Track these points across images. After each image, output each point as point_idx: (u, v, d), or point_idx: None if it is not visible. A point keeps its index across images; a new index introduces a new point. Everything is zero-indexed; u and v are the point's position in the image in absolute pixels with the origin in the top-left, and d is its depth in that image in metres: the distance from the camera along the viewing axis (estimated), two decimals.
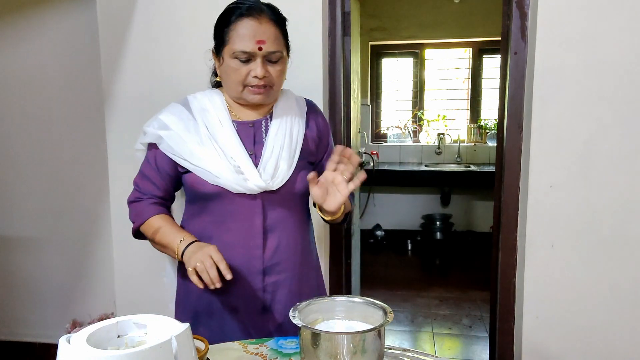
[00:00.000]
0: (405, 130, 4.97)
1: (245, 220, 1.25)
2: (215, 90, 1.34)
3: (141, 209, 1.29)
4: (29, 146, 2.58)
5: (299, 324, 0.95)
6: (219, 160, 1.21)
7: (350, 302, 1.07)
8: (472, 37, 4.73)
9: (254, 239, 1.25)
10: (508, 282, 2.02)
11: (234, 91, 1.25)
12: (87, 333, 0.70)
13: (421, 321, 3.23)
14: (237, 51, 1.19)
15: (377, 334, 0.94)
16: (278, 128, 1.28)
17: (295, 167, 1.27)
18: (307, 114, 1.35)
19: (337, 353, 0.91)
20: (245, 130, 1.28)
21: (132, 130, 2.13)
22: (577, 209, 1.86)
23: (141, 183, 1.32)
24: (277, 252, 1.27)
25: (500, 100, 2.09)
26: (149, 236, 1.28)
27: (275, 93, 1.27)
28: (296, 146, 1.28)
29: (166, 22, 2.04)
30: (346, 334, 0.92)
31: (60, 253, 2.62)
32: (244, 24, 1.19)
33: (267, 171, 1.23)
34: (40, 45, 2.49)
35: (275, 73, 1.23)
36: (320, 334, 0.93)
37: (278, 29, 1.22)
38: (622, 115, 1.80)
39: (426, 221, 4.84)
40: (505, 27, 2.00)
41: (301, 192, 1.29)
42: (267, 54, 1.20)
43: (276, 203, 1.26)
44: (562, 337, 1.92)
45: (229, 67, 1.21)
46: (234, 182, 1.20)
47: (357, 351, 0.91)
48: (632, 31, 1.76)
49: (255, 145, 1.27)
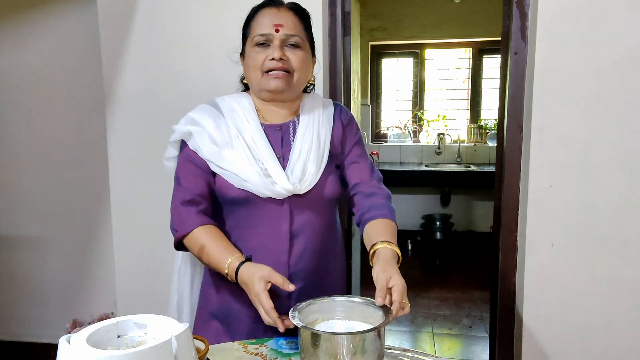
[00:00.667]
0: (405, 130, 4.97)
1: (272, 225, 1.21)
2: (243, 93, 1.32)
3: (187, 217, 1.20)
4: (30, 146, 2.58)
5: (298, 325, 0.95)
6: (247, 163, 1.18)
7: (350, 302, 1.07)
8: (472, 37, 4.73)
9: (280, 244, 1.21)
10: (508, 282, 2.02)
11: (256, 82, 1.23)
12: (87, 333, 0.70)
13: (421, 321, 3.23)
14: (255, 36, 1.20)
15: (376, 334, 0.94)
16: (305, 130, 1.25)
17: (323, 170, 1.24)
18: (334, 116, 1.31)
19: (337, 353, 0.91)
20: (273, 133, 1.25)
21: (132, 130, 2.13)
22: (577, 209, 1.86)
23: (184, 182, 1.23)
24: (303, 258, 1.23)
25: (500, 100, 2.09)
26: (194, 251, 1.21)
27: (297, 84, 1.24)
28: (324, 149, 1.25)
29: (167, 21, 2.05)
30: (345, 334, 0.92)
31: (61, 253, 2.62)
32: (263, 13, 1.21)
33: (294, 174, 1.20)
34: (41, 45, 2.49)
35: (294, 59, 1.21)
36: (320, 334, 0.93)
37: (297, 18, 1.23)
38: (622, 115, 1.80)
39: (426, 221, 4.84)
40: (505, 27, 2.00)
41: (329, 196, 1.26)
42: (285, 37, 1.19)
43: (303, 207, 1.22)
44: (562, 337, 1.92)
45: (250, 57, 1.22)
46: (262, 186, 1.17)
47: (357, 351, 0.92)
48: (632, 31, 1.76)
49: (283, 148, 1.24)
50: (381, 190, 1.32)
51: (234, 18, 2.00)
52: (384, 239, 1.18)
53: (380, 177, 1.36)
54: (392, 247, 1.16)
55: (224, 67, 1.35)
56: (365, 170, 1.33)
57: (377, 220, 1.24)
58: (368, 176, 1.32)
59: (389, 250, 1.15)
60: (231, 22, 2.00)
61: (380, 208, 1.26)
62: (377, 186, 1.32)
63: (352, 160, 1.32)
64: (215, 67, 2.00)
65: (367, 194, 1.30)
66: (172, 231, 1.23)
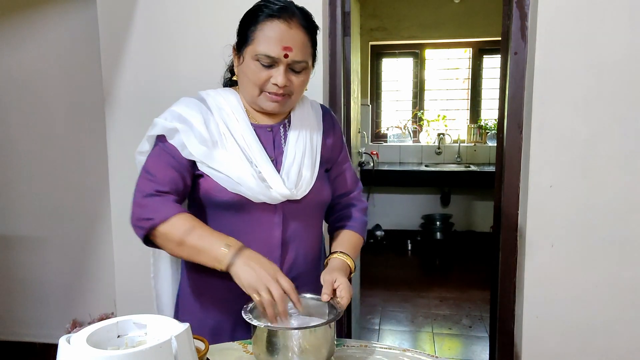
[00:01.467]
0: (405, 130, 4.97)
1: (264, 231, 1.15)
2: (229, 89, 1.23)
3: (162, 204, 1.08)
4: (29, 146, 2.58)
5: (257, 324, 0.97)
6: (241, 165, 1.11)
7: (302, 298, 1.09)
8: (472, 37, 4.73)
9: (271, 252, 1.15)
10: (508, 282, 2.02)
11: (249, 94, 1.15)
12: (87, 333, 0.70)
13: (421, 321, 3.23)
14: (260, 54, 1.09)
15: (319, 330, 0.97)
16: (298, 134, 1.19)
17: (317, 175, 1.20)
18: (323, 120, 1.28)
19: (292, 346, 0.95)
20: (264, 135, 1.18)
21: (132, 130, 2.13)
22: (577, 209, 1.86)
23: (158, 173, 1.11)
24: (295, 265, 1.19)
25: (500, 100, 2.09)
26: (175, 237, 1.06)
27: (292, 103, 1.18)
28: (316, 153, 1.21)
29: (166, 21, 2.04)
30: (300, 329, 0.96)
31: (61, 253, 2.62)
32: (272, 26, 1.08)
33: (290, 179, 1.14)
34: (40, 45, 2.49)
35: (297, 83, 1.13)
36: (276, 331, 0.96)
37: (307, 37, 1.13)
38: (622, 115, 1.80)
39: (426, 221, 4.84)
40: (505, 27, 2.00)
41: (323, 202, 1.24)
42: (292, 63, 1.10)
43: (297, 213, 1.18)
44: (562, 337, 1.92)
45: (249, 68, 1.12)
46: (258, 190, 1.10)
47: (310, 345, 0.95)
48: (632, 31, 1.76)
49: (275, 150, 1.18)
50: (360, 202, 1.35)
51: (234, 18, 2.00)
52: (342, 250, 1.22)
53: (361, 187, 1.38)
54: (345, 259, 1.20)
55: (224, 67, 1.34)
56: (350, 182, 1.34)
57: (344, 231, 1.28)
58: (352, 188, 1.35)
59: (341, 261, 1.19)
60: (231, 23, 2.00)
61: (351, 220, 1.29)
62: (358, 198, 1.35)
63: (339, 170, 1.32)
64: (215, 67, 1.99)
65: (345, 204, 1.33)
66: (139, 221, 1.09)
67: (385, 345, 1.16)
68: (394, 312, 3.38)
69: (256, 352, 1.00)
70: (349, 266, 1.20)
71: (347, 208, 1.32)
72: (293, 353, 0.95)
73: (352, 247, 1.24)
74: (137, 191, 1.12)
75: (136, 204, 1.11)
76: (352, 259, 1.22)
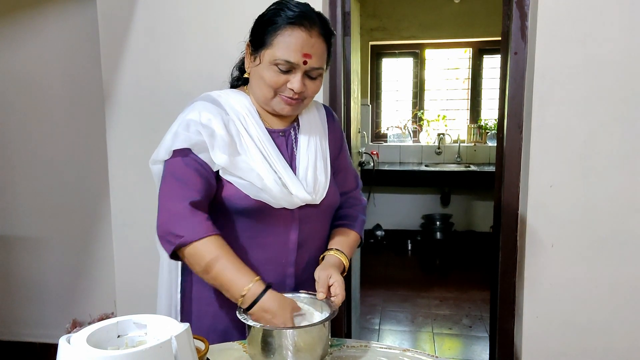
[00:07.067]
0: (405, 130, 4.97)
1: (281, 235, 1.16)
2: (238, 91, 1.22)
3: (198, 222, 1.05)
4: (29, 146, 2.58)
5: (243, 320, 0.99)
6: (264, 172, 1.11)
7: (296, 297, 1.11)
8: (472, 37, 4.72)
9: (287, 255, 1.17)
10: (508, 282, 2.02)
11: (263, 96, 1.15)
12: (87, 333, 0.70)
13: (421, 321, 3.23)
14: (280, 59, 1.09)
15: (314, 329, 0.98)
16: (309, 138, 1.21)
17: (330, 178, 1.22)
18: (327, 121, 1.29)
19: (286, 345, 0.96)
20: (277, 139, 1.19)
21: (132, 130, 2.13)
22: (577, 209, 1.86)
23: (191, 180, 1.08)
24: (307, 268, 1.20)
25: (500, 100, 2.09)
26: (201, 263, 1.05)
27: (303, 106, 1.20)
28: (327, 157, 1.23)
29: (167, 21, 2.04)
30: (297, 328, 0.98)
31: (61, 253, 2.62)
32: (294, 33, 1.08)
33: (308, 184, 1.16)
34: (40, 46, 2.49)
35: (311, 88, 1.15)
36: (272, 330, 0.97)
37: (325, 45, 1.14)
38: (622, 115, 1.80)
39: (426, 221, 4.84)
40: (505, 27, 2.00)
41: (335, 204, 1.26)
42: (310, 69, 1.12)
43: (312, 217, 1.19)
44: (562, 337, 1.92)
45: (265, 71, 1.11)
46: (280, 197, 1.10)
47: (295, 345, 0.96)
48: (632, 31, 1.76)
49: (289, 155, 1.20)
50: (360, 201, 1.36)
51: (234, 19, 2.01)
52: (337, 247, 1.23)
53: (361, 184, 1.40)
54: (340, 256, 1.21)
55: (224, 67, 1.34)
56: (351, 181, 1.36)
57: (341, 229, 1.29)
58: (353, 187, 1.36)
59: (336, 258, 1.20)
60: (231, 23, 2.00)
61: (350, 219, 1.31)
62: (358, 197, 1.37)
63: (340, 169, 1.32)
64: (215, 67, 2.00)
65: (345, 202, 1.34)
66: (168, 235, 1.06)
67: (385, 345, 1.16)
68: (394, 312, 3.38)
69: (251, 352, 1.00)
70: (344, 264, 1.21)
71: (349, 207, 1.33)
72: (288, 352, 0.95)
73: (348, 245, 1.25)
74: (168, 197, 1.09)
75: (171, 212, 1.07)
76: (347, 257, 1.23)
